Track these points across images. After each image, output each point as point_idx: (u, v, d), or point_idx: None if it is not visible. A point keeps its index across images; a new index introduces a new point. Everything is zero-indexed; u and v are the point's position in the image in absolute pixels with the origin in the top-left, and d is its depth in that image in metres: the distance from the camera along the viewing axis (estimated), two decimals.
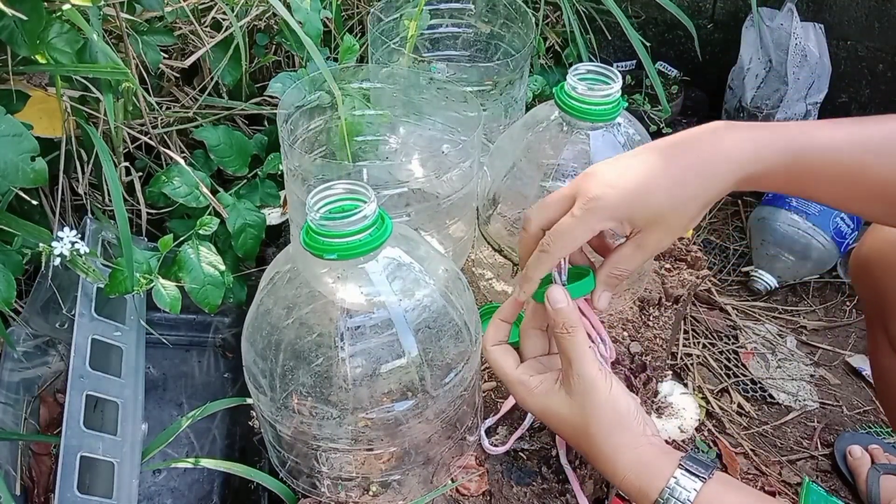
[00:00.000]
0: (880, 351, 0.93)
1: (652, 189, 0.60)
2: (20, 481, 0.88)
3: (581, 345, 0.63)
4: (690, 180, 0.60)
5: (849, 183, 0.61)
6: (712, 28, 1.75)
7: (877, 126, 0.61)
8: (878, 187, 0.60)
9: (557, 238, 0.62)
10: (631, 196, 0.60)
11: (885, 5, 1.57)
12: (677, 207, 0.60)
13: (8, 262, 0.76)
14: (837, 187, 0.61)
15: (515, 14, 1.05)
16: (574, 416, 0.62)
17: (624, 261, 0.64)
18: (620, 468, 0.60)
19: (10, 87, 0.79)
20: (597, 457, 0.62)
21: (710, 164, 0.60)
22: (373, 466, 0.71)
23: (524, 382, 0.66)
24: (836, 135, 0.60)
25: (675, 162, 0.60)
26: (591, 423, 0.61)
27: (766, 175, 0.60)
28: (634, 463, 0.60)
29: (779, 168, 0.60)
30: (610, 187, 0.60)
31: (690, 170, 0.60)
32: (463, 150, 0.82)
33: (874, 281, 0.89)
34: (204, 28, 1.05)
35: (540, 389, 0.65)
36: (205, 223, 0.90)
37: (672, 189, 0.60)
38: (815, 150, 0.60)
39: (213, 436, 1.03)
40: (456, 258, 0.93)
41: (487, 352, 0.69)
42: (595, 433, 0.61)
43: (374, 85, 0.92)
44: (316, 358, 0.64)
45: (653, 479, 0.59)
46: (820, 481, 1.23)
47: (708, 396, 1.34)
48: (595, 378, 0.62)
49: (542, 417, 0.66)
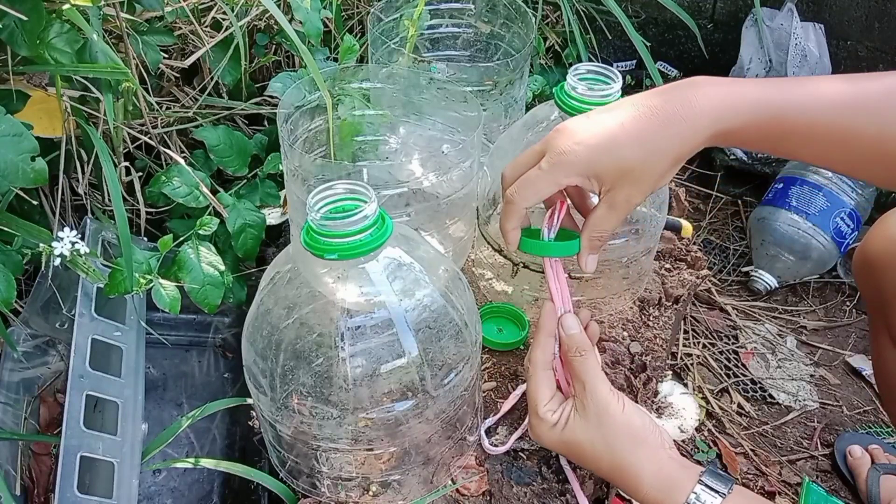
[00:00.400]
0: (883, 349, 0.93)
1: (619, 143, 0.58)
2: (20, 481, 0.88)
3: (594, 367, 0.63)
4: (660, 134, 0.58)
5: (838, 143, 0.59)
6: (712, 28, 1.75)
7: (871, 83, 0.58)
8: (873, 148, 0.58)
9: (522, 188, 0.62)
10: (597, 151, 0.59)
11: (885, 5, 1.57)
12: (646, 161, 0.59)
13: (8, 262, 0.76)
14: (824, 147, 0.59)
15: (515, 14, 1.05)
16: (592, 438, 0.63)
17: (599, 222, 0.64)
18: (643, 483, 0.60)
19: (10, 87, 0.79)
20: (619, 475, 0.62)
21: (680, 118, 0.58)
22: (373, 466, 0.71)
23: (545, 421, 0.65)
24: (823, 92, 0.58)
25: (646, 116, 0.59)
26: (609, 442, 0.62)
27: (740, 130, 0.58)
28: (655, 477, 0.60)
29: (754, 124, 0.58)
30: (577, 143, 0.60)
31: (660, 123, 0.58)
32: (463, 150, 0.82)
33: (877, 279, 0.89)
34: (204, 28, 1.05)
35: (559, 424, 0.65)
36: (205, 223, 0.90)
37: (640, 143, 0.58)
38: (796, 108, 0.58)
39: (213, 436, 1.02)
40: (456, 258, 0.93)
41: (532, 372, 0.67)
42: (615, 451, 0.62)
43: (374, 85, 0.92)
44: (316, 358, 0.64)
45: (674, 493, 0.59)
46: (820, 481, 1.23)
47: (708, 396, 1.34)
48: (608, 397, 0.62)
49: (562, 450, 0.66)
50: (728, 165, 1.73)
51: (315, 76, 0.81)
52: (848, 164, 0.62)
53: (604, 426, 0.62)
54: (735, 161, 1.72)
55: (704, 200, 1.76)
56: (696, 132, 0.58)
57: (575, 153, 0.60)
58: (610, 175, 0.60)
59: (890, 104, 0.57)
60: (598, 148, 0.59)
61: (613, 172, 0.60)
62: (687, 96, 0.59)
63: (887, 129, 0.57)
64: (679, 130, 0.58)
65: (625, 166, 0.59)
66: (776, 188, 1.58)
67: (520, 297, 0.90)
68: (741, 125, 0.58)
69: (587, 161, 0.60)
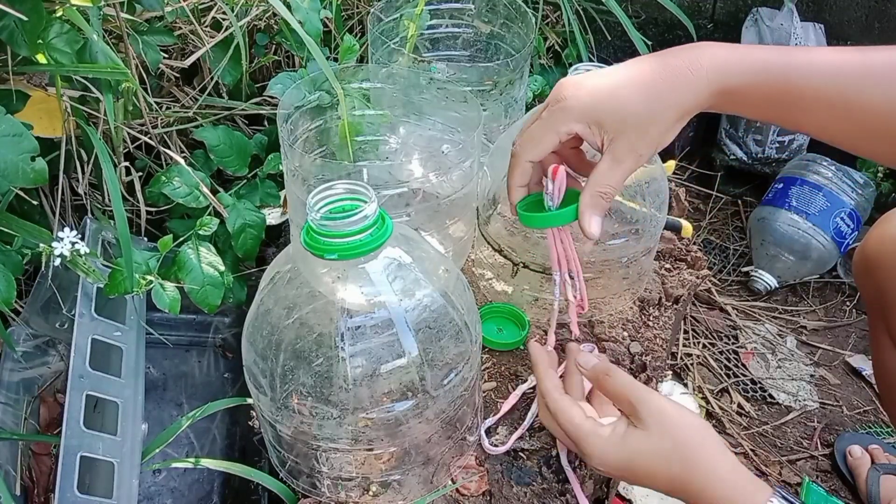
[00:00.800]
0: (883, 350, 0.93)
1: (622, 90, 0.58)
2: (20, 481, 0.88)
3: (631, 381, 0.61)
4: (665, 84, 0.57)
5: (842, 113, 0.57)
6: (712, 28, 1.75)
7: (880, 54, 0.57)
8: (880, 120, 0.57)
9: (524, 141, 0.61)
10: (599, 98, 0.58)
11: (885, 5, 1.57)
12: (650, 109, 0.57)
13: (8, 262, 0.76)
14: (828, 117, 0.58)
15: (515, 14, 1.05)
16: (658, 447, 0.58)
17: (602, 177, 0.60)
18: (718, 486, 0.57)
19: (10, 87, 0.79)
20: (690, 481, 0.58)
21: (687, 71, 0.57)
22: (373, 466, 0.71)
23: (598, 433, 0.61)
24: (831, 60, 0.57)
25: (651, 69, 0.58)
26: (679, 446, 0.58)
27: (745, 90, 0.58)
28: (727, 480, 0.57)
29: (759, 86, 0.57)
30: (578, 89, 0.58)
31: (666, 75, 0.58)
32: (463, 150, 0.82)
33: (877, 279, 0.89)
34: (204, 28, 1.05)
35: (615, 434, 0.60)
36: (205, 223, 0.90)
37: (644, 91, 0.57)
38: (803, 74, 0.57)
39: (213, 436, 1.03)
40: (456, 258, 0.93)
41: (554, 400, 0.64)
42: (686, 455, 0.58)
43: (374, 85, 0.92)
44: (316, 358, 0.64)
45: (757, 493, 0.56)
46: (820, 481, 1.23)
47: (708, 396, 1.34)
48: (662, 403, 0.60)
49: (627, 466, 0.60)
50: (728, 165, 1.73)
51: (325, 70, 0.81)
52: (852, 137, 0.60)
53: (668, 433, 0.58)
54: (735, 161, 1.72)
55: (704, 200, 1.76)
56: (701, 86, 0.57)
57: (576, 98, 0.58)
58: (612, 122, 0.58)
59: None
60: (599, 94, 0.58)
61: (616, 120, 0.58)
62: (694, 54, 0.58)
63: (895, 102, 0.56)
64: (685, 82, 0.57)
65: (627, 113, 0.58)
66: (776, 188, 1.58)
67: (520, 297, 0.90)
68: (746, 84, 0.57)
69: (588, 106, 0.58)
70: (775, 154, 1.69)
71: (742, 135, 1.69)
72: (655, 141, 0.59)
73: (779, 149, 1.68)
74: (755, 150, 1.69)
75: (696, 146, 1.80)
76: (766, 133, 1.66)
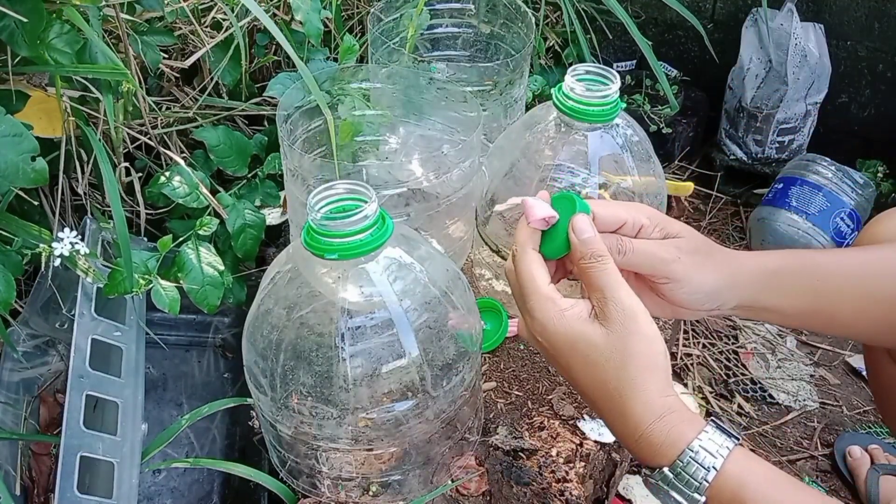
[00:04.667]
0: (877, 355, 0.93)
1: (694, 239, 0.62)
2: (20, 481, 0.88)
3: (615, 273, 0.56)
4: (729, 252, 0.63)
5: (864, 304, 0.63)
6: (712, 28, 1.75)
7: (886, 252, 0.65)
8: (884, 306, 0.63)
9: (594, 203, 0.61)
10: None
11: (885, 5, 1.57)
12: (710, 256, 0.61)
13: (8, 262, 0.76)
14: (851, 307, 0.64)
15: (515, 14, 1.06)
16: (609, 346, 0.54)
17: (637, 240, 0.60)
18: (650, 411, 0.53)
19: (10, 87, 0.79)
20: (625, 394, 0.54)
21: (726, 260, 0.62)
22: (373, 466, 0.71)
23: (555, 300, 0.56)
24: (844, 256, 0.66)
25: None
26: (628, 354, 0.54)
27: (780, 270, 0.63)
28: (664, 408, 0.53)
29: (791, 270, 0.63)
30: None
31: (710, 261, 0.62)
32: (463, 150, 0.82)
33: None
34: (204, 28, 1.05)
35: (572, 312, 0.56)
36: (204, 223, 0.90)
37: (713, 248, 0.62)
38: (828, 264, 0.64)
39: (213, 436, 1.02)
40: (456, 258, 0.93)
41: (522, 254, 0.59)
42: (629, 368, 0.54)
43: (374, 85, 0.92)
44: (316, 358, 0.64)
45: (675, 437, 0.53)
46: (820, 481, 1.23)
47: (708, 396, 1.34)
48: (636, 307, 0.55)
49: (566, 348, 0.56)
50: (728, 165, 1.73)
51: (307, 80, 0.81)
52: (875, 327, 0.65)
53: (626, 336, 0.54)
54: (735, 161, 1.72)
55: (704, 200, 1.76)
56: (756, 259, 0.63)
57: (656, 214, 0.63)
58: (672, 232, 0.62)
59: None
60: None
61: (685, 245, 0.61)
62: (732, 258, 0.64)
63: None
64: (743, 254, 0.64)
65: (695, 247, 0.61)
66: (776, 188, 1.58)
67: None
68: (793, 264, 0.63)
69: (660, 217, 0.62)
70: (775, 154, 1.69)
71: (742, 135, 1.69)
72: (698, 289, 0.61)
73: (779, 149, 1.68)
74: (755, 150, 1.69)
75: (696, 146, 1.80)
76: (765, 133, 1.66)
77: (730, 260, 0.62)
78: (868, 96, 1.66)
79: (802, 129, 1.66)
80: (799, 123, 1.64)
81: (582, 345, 0.55)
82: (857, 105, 1.69)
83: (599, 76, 0.75)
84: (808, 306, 0.64)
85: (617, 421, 0.55)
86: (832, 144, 1.64)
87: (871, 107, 1.67)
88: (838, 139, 1.69)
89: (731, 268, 0.62)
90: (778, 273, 0.63)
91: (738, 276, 0.62)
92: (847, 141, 1.69)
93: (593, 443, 0.79)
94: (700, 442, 0.52)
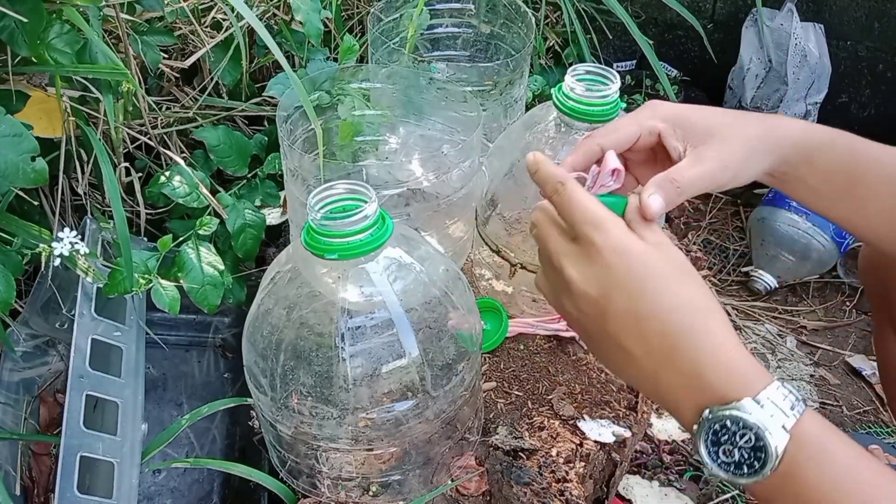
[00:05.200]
0: (887, 346, 0.93)
1: (712, 111, 0.59)
2: (20, 481, 0.88)
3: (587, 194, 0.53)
4: (753, 119, 0.59)
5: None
6: (712, 28, 1.75)
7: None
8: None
9: (605, 127, 0.60)
10: (691, 110, 0.59)
11: (885, 5, 1.57)
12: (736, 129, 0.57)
13: (8, 262, 0.76)
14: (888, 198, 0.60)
15: (515, 14, 1.06)
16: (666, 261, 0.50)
17: (681, 169, 0.56)
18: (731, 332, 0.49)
19: (10, 88, 0.79)
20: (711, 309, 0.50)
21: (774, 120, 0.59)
22: (373, 466, 0.71)
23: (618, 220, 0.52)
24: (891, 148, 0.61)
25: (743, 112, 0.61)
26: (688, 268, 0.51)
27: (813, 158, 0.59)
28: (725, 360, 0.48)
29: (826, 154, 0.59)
30: (672, 104, 0.60)
31: (755, 116, 0.60)
32: (463, 150, 0.82)
33: (882, 274, 0.88)
34: (204, 28, 1.05)
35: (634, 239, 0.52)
36: (204, 223, 0.90)
37: (733, 115, 0.59)
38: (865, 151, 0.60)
39: (213, 436, 1.02)
40: (456, 258, 0.93)
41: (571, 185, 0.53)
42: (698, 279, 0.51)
43: (374, 85, 0.92)
44: (316, 358, 0.64)
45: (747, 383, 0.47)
46: None
47: None
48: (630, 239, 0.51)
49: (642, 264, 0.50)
50: None
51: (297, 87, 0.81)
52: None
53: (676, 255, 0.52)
54: None
55: (704, 200, 1.76)
56: (785, 130, 0.59)
57: (667, 104, 0.59)
58: (697, 130, 0.57)
59: None
60: (689, 108, 0.59)
61: (701, 128, 0.57)
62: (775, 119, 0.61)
63: None
64: (770, 120, 0.59)
65: (713, 125, 0.58)
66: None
67: (519, 298, 0.90)
68: (822, 142, 0.59)
69: (679, 111, 0.59)
70: None
71: None
72: (740, 160, 0.57)
73: None
74: None
75: None
76: None
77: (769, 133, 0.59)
78: (868, 96, 1.66)
79: None
80: None
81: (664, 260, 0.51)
82: (857, 105, 1.69)
83: (599, 76, 0.75)
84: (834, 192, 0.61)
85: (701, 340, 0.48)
86: None
87: (871, 107, 1.67)
88: None
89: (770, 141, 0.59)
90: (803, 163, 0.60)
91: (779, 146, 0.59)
92: None
93: (593, 443, 0.79)
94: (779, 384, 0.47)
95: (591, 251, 0.51)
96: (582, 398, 0.84)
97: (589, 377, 0.86)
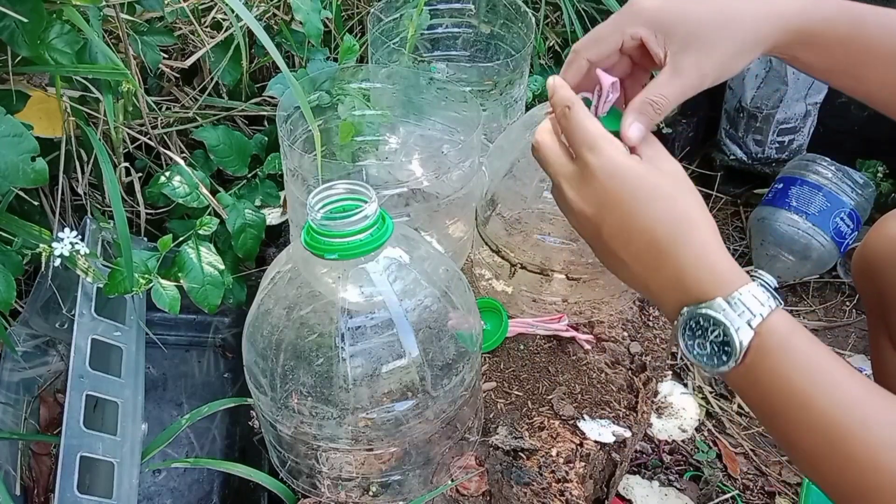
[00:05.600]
0: (882, 352, 0.93)
1: (699, 6, 0.57)
2: (20, 481, 0.88)
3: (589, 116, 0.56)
4: (742, 5, 0.57)
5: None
6: None
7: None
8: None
9: (587, 38, 0.59)
10: (673, 6, 0.57)
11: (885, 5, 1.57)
12: (721, 28, 0.56)
13: (8, 262, 0.76)
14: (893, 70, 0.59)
15: (515, 14, 1.06)
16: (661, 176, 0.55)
17: (658, 86, 0.57)
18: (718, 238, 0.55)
19: (10, 87, 0.79)
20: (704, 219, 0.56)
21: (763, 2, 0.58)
22: (373, 466, 0.71)
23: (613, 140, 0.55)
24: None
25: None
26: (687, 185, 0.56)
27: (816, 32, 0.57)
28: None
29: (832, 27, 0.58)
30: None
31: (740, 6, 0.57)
32: (463, 150, 0.82)
33: (876, 281, 0.88)
34: (204, 28, 1.05)
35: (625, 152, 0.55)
36: (205, 223, 0.90)
37: (719, 8, 0.57)
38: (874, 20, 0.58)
39: (213, 436, 1.02)
40: (456, 258, 0.93)
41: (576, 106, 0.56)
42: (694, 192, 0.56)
43: (374, 85, 0.92)
44: (316, 358, 0.64)
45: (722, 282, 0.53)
46: None
47: (708, 396, 1.34)
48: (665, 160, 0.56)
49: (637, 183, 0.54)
50: (728, 165, 1.73)
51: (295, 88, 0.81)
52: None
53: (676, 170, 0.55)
54: (735, 161, 1.72)
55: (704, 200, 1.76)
56: (778, 19, 0.57)
57: (648, 2, 0.58)
58: (680, 33, 0.56)
59: None
60: (672, 6, 0.57)
61: (684, 31, 0.56)
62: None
63: None
64: (763, 11, 0.57)
65: (699, 25, 0.56)
66: (776, 188, 1.58)
67: (520, 298, 0.90)
68: (821, 23, 0.58)
69: (659, 12, 0.57)
70: (775, 154, 1.69)
71: (742, 135, 1.70)
72: (722, 63, 0.57)
73: (779, 149, 1.68)
74: (755, 150, 1.69)
75: (695, 146, 1.80)
76: (765, 133, 1.66)
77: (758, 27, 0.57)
78: None
79: (802, 129, 1.66)
80: (799, 123, 1.64)
81: (653, 177, 0.55)
82: (857, 105, 1.69)
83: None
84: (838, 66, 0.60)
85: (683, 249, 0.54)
86: (832, 144, 1.64)
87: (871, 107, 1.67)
88: (838, 139, 1.68)
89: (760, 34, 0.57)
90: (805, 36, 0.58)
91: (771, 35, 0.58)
92: (847, 141, 1.69)
93: (593, 443, 0.79)
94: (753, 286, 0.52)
95: (586, 172, 0.55)
96: (582, 398, 0.84)
97: (589, 377, 0.86)
